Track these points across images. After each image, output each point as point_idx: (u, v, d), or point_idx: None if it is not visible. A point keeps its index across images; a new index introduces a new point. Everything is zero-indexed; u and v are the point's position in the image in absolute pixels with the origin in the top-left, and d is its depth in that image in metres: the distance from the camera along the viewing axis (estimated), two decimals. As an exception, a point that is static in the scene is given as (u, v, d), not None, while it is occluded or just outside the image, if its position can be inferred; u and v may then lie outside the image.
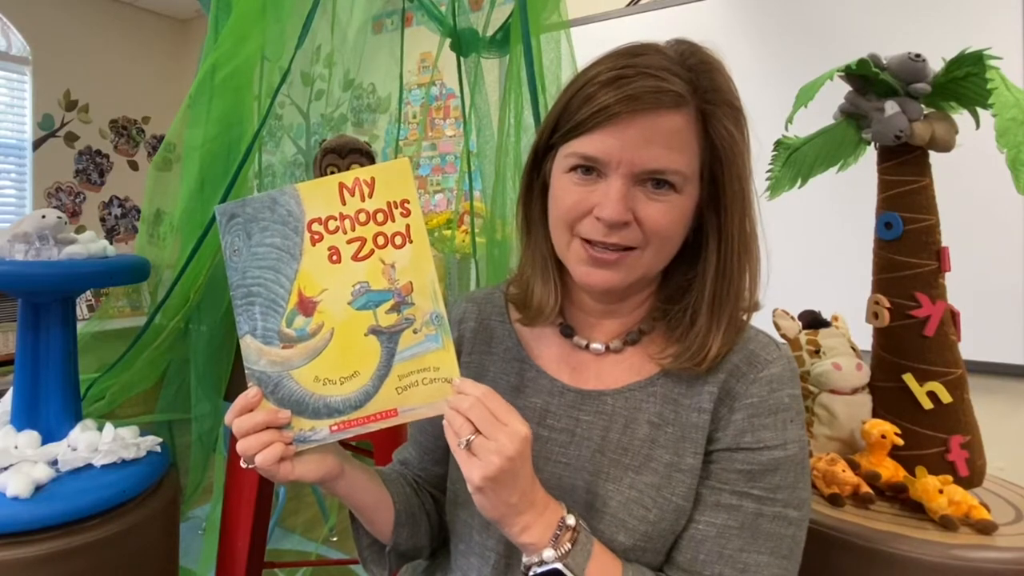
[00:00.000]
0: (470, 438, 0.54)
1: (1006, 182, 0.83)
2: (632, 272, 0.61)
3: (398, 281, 0.59)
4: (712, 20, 2.25)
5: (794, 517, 0.59)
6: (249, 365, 0.59)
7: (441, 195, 3.14)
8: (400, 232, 0.59)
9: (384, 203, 0.59)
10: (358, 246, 0.59)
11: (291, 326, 0.59)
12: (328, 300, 0.59)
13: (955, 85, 0.92)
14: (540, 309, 0.69)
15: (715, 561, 0.58)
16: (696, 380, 0.62)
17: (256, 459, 0.57)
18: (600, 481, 0.63)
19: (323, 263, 0.59)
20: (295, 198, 0.59)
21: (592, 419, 0.65)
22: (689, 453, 0.61)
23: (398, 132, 2.72)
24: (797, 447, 0.60)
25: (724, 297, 0.61)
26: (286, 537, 2.33)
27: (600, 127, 0.58)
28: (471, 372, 0.73)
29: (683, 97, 0.58)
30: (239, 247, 0.59)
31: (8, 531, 0.94)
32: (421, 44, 2.84)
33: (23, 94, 3.52)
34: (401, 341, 0.59)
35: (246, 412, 0.58)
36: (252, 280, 0.59)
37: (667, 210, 0.59)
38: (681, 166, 0.58)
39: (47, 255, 1.07)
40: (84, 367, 1.23)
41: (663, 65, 0.58)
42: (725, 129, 0.59)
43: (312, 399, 0.59)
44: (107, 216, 3.91)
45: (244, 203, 0.59)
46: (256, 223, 0.59)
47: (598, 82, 0.58)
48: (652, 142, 0.57)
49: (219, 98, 1.30)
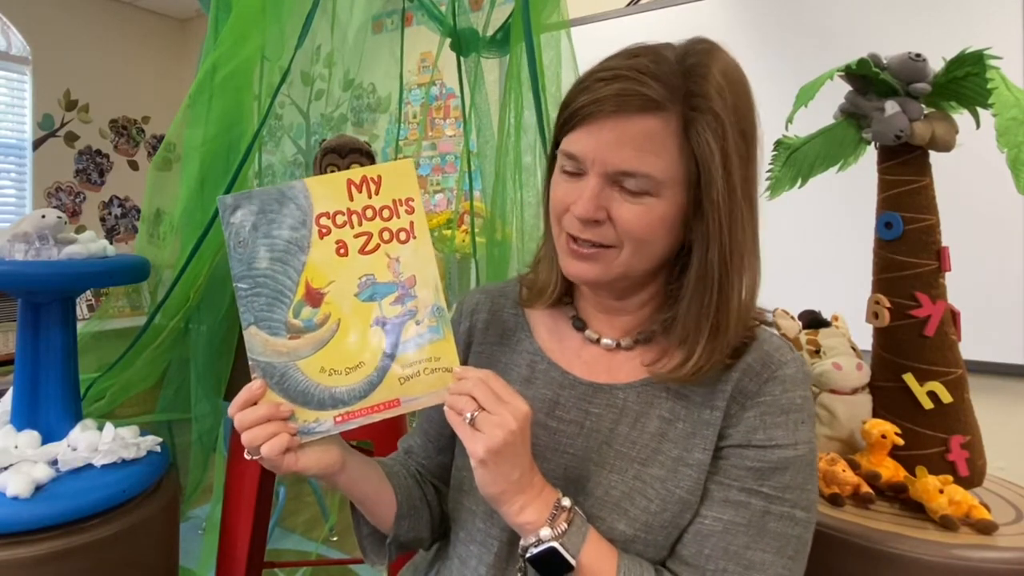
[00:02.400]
0: (474, 413, 0.56)
1: (1006, 182, 0.83)
2: (609, 269, 0.62)
3: (402, 274, 0.61)
4: (712, 20, 2.25)
5: (801, 518, 0.59)
6: (254, 356, 0.60)
7: (441, 195, 3.14)
8: (404, 228, 0.61)
9: (390, 200, 0.61)
10: (365, 240, 0.61)
11: (298, 317, 0.60)
12: (335, 292, 0.60)
13: (955, 85, 0.92)
14: (542, 290, 0.72)
15: (720, 556, 0.58)
16: (709, 378, 0.62)
17: (262, 449, 0.57)
18: (605, 472, 0.63)
19: (331, 256, 0.60)
20: (304, 192, 0.60)
21: (602, 412, 0.66)
22: (698, 448, 0.61)
23: (398, 132, 2.72)
24: (807, 448, 0.60)
25: (706, 306, 0.60)
26: (286, 537, 2.33)
27: (580, 126, 0.60)
28: (482, 362, 0.74)
29: (656, 102, 0.57)
30: (244, 238, 0.59)
31: (8, 531, 0.94)
32: (421, 44, 2.84)
33: (23, 94, 3.52)
34: (404, 332, 0.61)
35: (250, 405, 0.59)
36: (259, 271, 0.60)
37: (642, 212, 0.59)
38: (652, 170, 0.58)
39: (47, 255, 1.07)
40: (84, 367, 1.23)
41: (646, 68, 0.57)
42: (703, 138, 0.57)
43: (317, 390, 0.60)
44: (107, 216, 3.91)
45: (250, 195, 0.60)
46: (264, 215, 0.60)
47: (585, 83, 0.60)
48: (623, 144, 0.58)
49: (219, 98, 1.30)
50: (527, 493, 0.57)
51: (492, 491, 0.57)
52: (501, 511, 0.59)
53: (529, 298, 0.74)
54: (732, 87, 0.58)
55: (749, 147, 0.60)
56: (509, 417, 0.55)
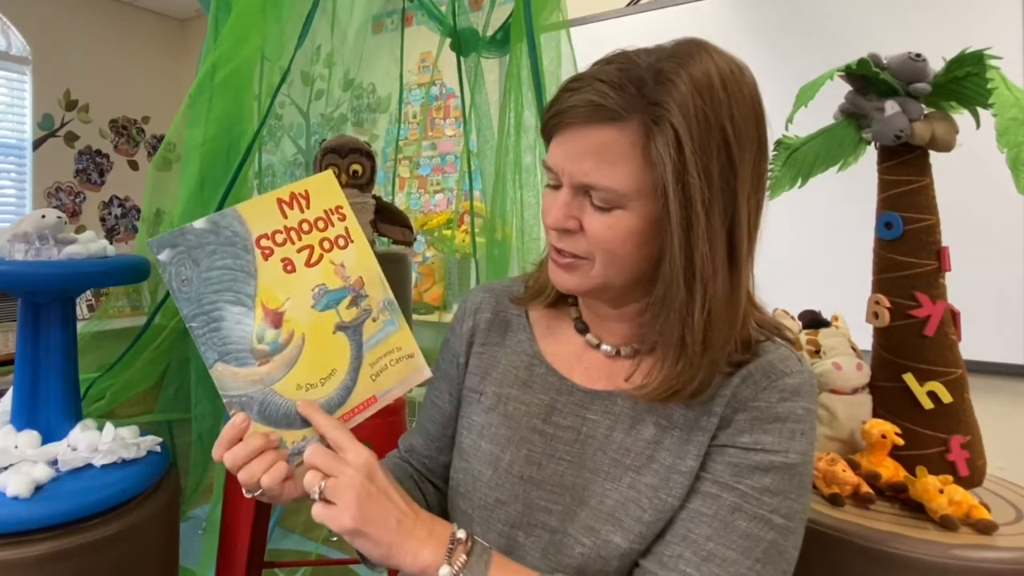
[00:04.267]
0: (321, 485, 0.55)
1: (1006, 182, 0.83)
2: (587, 279, 0.61)
3: (350, 278, 0.63)
4: (712, 20, 2.25)
5: (778, 523, 0.56)
6: (227, 392, 0.58)
7: (441, 195, 3.14)
8: (341, 235, 0.63)
9: (321, 211, 0.63)
10: (308, 253, 0.62)
11: (263, 341, 0.60)
12: (292, 308, 0.61)
13: (955, 85, 0.92)
14: (540, 290, 0.72)
15: (678, 542, 0.57)
16: (711, 385, 0.60)
17: (263, 481, 0.56)
18: (599, 480, 0.63)
19: (280, 274, 0.61)
20: (237, 219, 0.60)
21: (599, 418, 0.65)
22: (691, 456, 0.60)
23: (398, 132, 2.72)
24: (799, 459, 0.57)
25: (671, 324, 0.58)
26: (286, 537, 2.33)
27: (553, 137, 0.60)
28: (483, 362, 0.74)
29: (613, 112, 0.55)
30: (188, 276, 0.58)
31: (8, 531, 0.94)
32: (421, 44, 2.83)
33: (23, 94, 3.52)
34: (365, 331, 0.63)
35: (236, 442, 0.57)
36: (211, 306, 0.59)
37: (610, 224, 0.58)
38: (612, 182, 0.56)
39: (47, 255, 1.07)
40: (84, 367, 1.23)
41: (608, 77, 0.55)
42: (659, 149, 0.54)
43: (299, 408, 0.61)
44: (107, 216, 3.91)
45: (182, 232, 0.59)
46: (201, 249, 0.59)
47: (559, 92, 0.60)
48: (584, 156, 0.57)
49: (219, 98, 1.30)
50: (415, 535, 0.56)
51: (381, 552, 0.55)
52: (398, 566, 0.56)
53: (526, 297, 0.74)
54: (707, 93, 0.54)
55: (734, 155, 0.55)
56: (351, 472, 0.54)
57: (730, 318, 0.58)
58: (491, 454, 0.68)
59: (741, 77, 0.57)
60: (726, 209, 0.56)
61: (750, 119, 0.57)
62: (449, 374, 0.77)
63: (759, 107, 0.58)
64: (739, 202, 0.56)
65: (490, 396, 0.71)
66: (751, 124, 0.57)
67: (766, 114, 0.59)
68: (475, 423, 0.71)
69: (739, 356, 0.60)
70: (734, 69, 0.57)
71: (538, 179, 1.59)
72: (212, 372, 0.59)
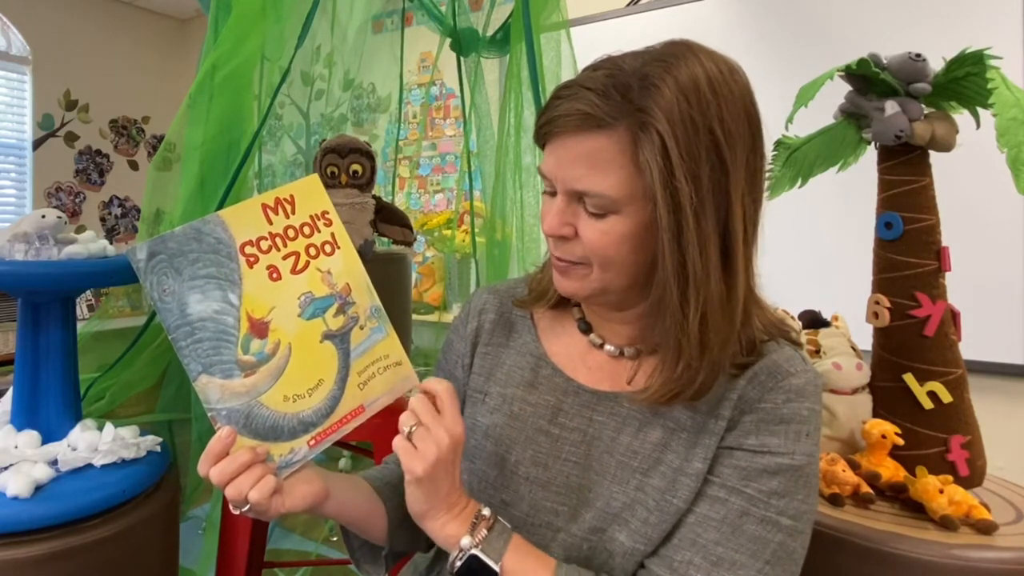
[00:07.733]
0: (412, 427, 0.58)
1: (1006, 182, 0.83)
2: (585, 284, 0.62)
3: (337, 285, 0.62)
4: (712, 20, 2.26)
5: (786, 525, 0.56)
6: (212, 406, 0.56)
7: (441, 195, 3.14)
8: (328, 241, 0.62)
9: (307, 217, 0.62)
10: (294, 260, 0.60)
11: (249, 352, 0.57)
12: (278, 317, 0.59)
13: (955, 85, 0.92)
14: (543, 291, 0.72)
15: (687, 547, 0.58)
16: (717, 388, 0.60)
17: (251, 496, 0.55)
18: (605, 481, 0.63)
19: (265, 283, 0.59)
20: (220, 225, 0.57)
21: (605, 420, 0.65)
22: (698, 458, 0.60)
23: (398, 132, 2.72)
24: (806, 459, 0.58)
25: (667, 327, 0.58)
26: (286, 537, 2.33)
27: (546, 145, 0.61)
28: (487, 363, 0.73)
29: (599, 119, 0.55)
30: (169, 286, 0.55)
31: (8, 531, 0.94)
32: (421, 44, 2.84)
33: (23, 94, 3.52)
34: (352, 339, 0.62)
35: (222, 457, 0.56)
36: (194, 316, 0.56)
37: (604, 229, 0.58)
38: (603, 188, 0.56)
39: (47, 255, 1.07)
40: (84, 367, 1.22)
41: (594, 84, 0.55)
42: (646, 154, 0.54)
43: (286, 420, 0.59)
44: (107, 216, 3.91)
45: (164, 239, 0.56)
46: (183, 257, 0.56)
47: (550, 99, 0.60)
48: (575, 163, 0.57)
49: (219, 98, 1.30)
50: (452, 510, 0.60)
51: (421, 508, 0.59)
52: (426, 528, 0.60)
53: (530, 300, 0.73)
54: (693, 96, 0.54)
55: (725, 156, 0.54)
56: (443, 434, 0.57)
57: (727, 320, 0.57)
58: (496, 455, 0.68)
59: (730, 77, 0.56)
60: (718, 211, 0.56)
61: (741, 119, 0.56)
62: (453, 375, 0.77)
63: (751, 106, 0.57)
64: (733, 203, 0.56)
65: (495, 397, 0.71)
66: (742, 124, 0.56)
67: (760, 113, 0.58)
68: (480, 424, 0.71)
69: (744, 359, 0.60)
70: (723, 69, 0.56)
71: (538, 179, 1.59)
72: (196, 385, 0.56)
